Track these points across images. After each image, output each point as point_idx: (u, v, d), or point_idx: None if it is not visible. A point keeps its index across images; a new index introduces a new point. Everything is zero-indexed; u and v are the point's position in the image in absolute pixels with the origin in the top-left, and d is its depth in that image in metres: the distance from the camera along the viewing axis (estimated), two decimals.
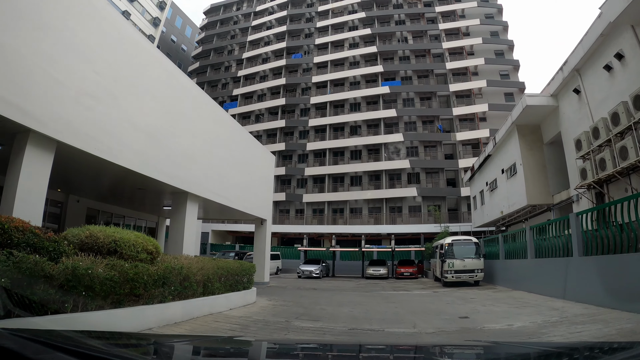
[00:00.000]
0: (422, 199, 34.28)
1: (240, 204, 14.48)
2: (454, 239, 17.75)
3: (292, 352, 2.16)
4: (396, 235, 32.41)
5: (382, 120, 37.96)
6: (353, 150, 38.40)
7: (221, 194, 12.90)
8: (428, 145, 37.01)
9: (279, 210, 38.26)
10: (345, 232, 34.40)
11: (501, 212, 22.11)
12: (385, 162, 35.84)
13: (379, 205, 35.31)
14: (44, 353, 1.09)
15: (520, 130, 19.10)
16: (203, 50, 52.86)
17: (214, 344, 2.30)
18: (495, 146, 22.69)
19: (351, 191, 36.25)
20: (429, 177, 35.73)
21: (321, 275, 23.80)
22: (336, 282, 20.18)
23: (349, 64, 43.39)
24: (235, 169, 14.42)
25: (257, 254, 17.01)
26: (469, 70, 39.95)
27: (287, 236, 37.13)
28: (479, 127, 36.62)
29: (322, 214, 36.41)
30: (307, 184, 38.24)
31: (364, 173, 36.77)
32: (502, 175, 21.95)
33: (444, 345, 3.45)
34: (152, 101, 9.36)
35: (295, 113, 42.81)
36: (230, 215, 17.48)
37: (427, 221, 33.38)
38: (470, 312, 8.60)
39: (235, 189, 14.19)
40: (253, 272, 10.30)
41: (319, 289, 15.76)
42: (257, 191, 16.40)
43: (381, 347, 2.50)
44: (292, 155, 40.55)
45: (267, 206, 17.50)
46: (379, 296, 12.83)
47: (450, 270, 16.75)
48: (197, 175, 11.45)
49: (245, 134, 16.39)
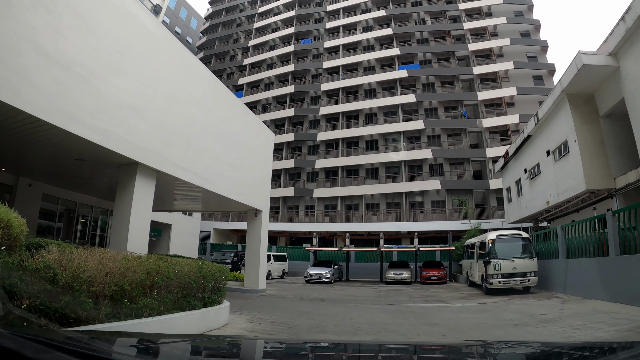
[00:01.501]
0: (446, 193, 30.53)
1: (225, 188, 11.18)
2: (498, 234, 14.15)
3: (293, 352, 2.18)
4: (417, 233, 28.73)
5: (400, 107, 34.35)
6: (368, 140, 34.86)
7: (195, 171, 9.62)
8: (451, 133, 33.25)
9: (287, 206, 34.99)
10: (360, 231, 30.88)
11: (546, 202, 18.43)
12: (405, 152, 32.17)
13: (398, 201, 31.68)
14: (44, 353, 1.08)
15: (572, 100, 15.51)
16: (207, 40, 50.17)
17: (214, 344, 2.29)
18: (537, 124, 19.07)
19: (367, 185, 32.71)
20: (453, 169, 31.95)
21: (332, 280, 20.38)
22: (350, 289, 16.75)
23: (363, 48, 39.92)
24: (219, 142, 11.14)
25: (250, 254, 13.74)
26: (494, 52, 36.14)
27: (296, 235, 33.80)
28: (507, 113, 32.71)
29: (335, 211, 32.94)
30: (318, 177, 34.83)
31: (380, 165, 33.17)
32: (547, 159, 18.30)
33: (444, 345, 3.37)
34: (68, 16, 6.10)
35: (304, 101, 39.50)
36: (214, 204, 14.13)
37: (452, 217, 29.64)
38: None
39: (218, 167, 10.93)
40: (223, 279, 6.92)
41: (328, 299, 12.30)
42: (251, 174, 13.09)
43: (381, 347, 2.51)
44: (301, 146, 37.23)
45: (264, 194, 14.16)
46: (410, 312, 9.33)
47: (496, 274, 13.18)
48: (154, 139, 8.22)
49: (235, 100, 13.09)
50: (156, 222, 25.82)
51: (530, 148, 20.49)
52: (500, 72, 34.71)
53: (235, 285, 13.91)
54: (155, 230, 27.08)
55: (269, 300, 11.29)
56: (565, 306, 9.91)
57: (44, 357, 1.06)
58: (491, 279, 13.15)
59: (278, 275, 23.74)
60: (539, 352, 1.86)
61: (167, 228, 27.47)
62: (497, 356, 2.04)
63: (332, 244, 31.09)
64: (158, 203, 12.68)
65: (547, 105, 17.76)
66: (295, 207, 34.87)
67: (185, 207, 17.18)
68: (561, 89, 15.67)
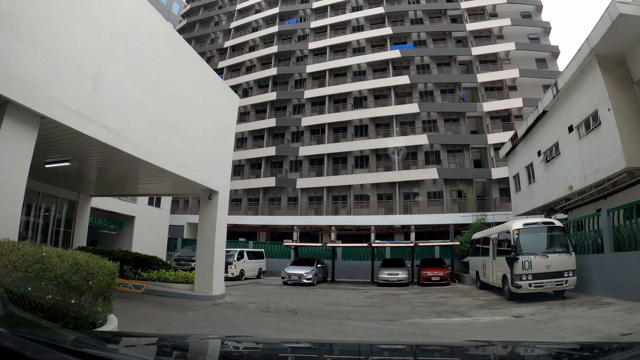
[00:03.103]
0: (443, 183, 27.49)
1: (158, 155, 7.87)
2: (526, 223, 11.05)
3: (293, 351, 2.19)
4: (414, 227, 25.58)
5: (392, 89, 31.20)
6: (357, 126, 31.63)
7: (104, 123, 6.35)
8: (449, 118, 30.23)
9: (268, 198, 31.60)
10: (348, 225, 27.65)
11: (569, 187, 15.56)
12: (398, 137, 29.04)
13: (391, 192, 28.53)
14: (44, 353, 1.08)
15: (602, 62, 12.85)
16: (188, 23, 46.55)
17: (215, 343, 2.26)
18: (555, 96, 16.21)
19: (356, 174, 29.46)
20: (451, 156, 28.95)
21: (315, 281, 17.10)
22: (335, 294, 13.46)
23: (352, 29, 36.68)
24: (153, 92, 8.00)
25: (202, 249, 10.45)
26: (493, 32, 33.30)
27: (277, 230, 30.45)
28: (509, 97, 29.84)
29: (320, 203, 29.64)
30: (302, 166, 31.47)
31: (371, 152, 29.96)
32: (568, 136, 15.44)
33: (444, 345, 3.32)
34: None
35: (288, 85, 36.12)
36: (150, 180, 10.62)
37: (451, 210, 26.64)
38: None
39: (148, 126, 7.72)
40: (104, 283, 3.55)
41: (303, 311, 8.94)
42: (203, 143, 9.86)
43: (381, 347, 2.51)
44: (284, 133, 33.85)
45: (222, 171, 10.87)
46: (423, 337, 6.03)
47: (526, 275, 10.07)
48: (35, 68, 5.00)
49: (184, 45, 9.75)
50: (116, 213, 22.32)
51: (546, 126, 17.60)
52: (500, 54, 31.91)
53: (184, 289, 10.57)
54: (115, 223, 23.54)
55: (216, 315, 7.96)
56: (637, 317, 6.93)
57: (44, 357, 1.05)
58: (519, 280, 10.03)
59: (253, 275, 20.42)
60: (539, 352, 1.85)
61: (129, 221, 23.91)
62: (497, 356, 2.01)
63: (318, 240, 27.81)
64: (64, 179, 9.24)
65: (569, 71, 14.92)
66: (277, 199, 31.50)
67: (113, 190, 13.73)
68: (589, 48, 12.89)
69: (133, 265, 12.69)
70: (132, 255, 13.25)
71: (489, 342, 2.74)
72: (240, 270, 18.74)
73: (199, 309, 8.69)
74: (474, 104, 29.61)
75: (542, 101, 17.58)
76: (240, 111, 37.11)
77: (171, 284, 11.07)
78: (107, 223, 23.05)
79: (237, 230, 31.58)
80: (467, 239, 19.70)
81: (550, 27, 33.30)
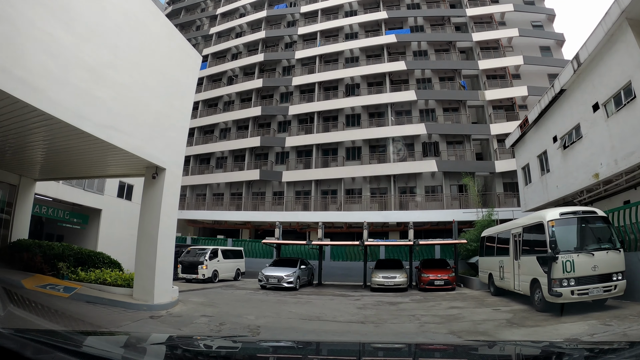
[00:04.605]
0: (443, 176, 25.19)
1: (67, 107, 5.37)
2: (563, 213, 8.68)
3: (293, 351, 2.19)
4: (412, 224, 23.28)
5: (387, 76, 28.84)
6: (349, 115, 29.20)
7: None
8: (448, 107, 27.95)
9: (252, 193, 29.03)
10: (339, 222, 25.20)
11: (594, 175, 13.45)
12: (393, 127, 26.69)
13: (385, 185, 26.15)
14: (44, 353, 1.08)
15: (636, 26, 10.90)
16: (173, 10, 43.87)
17: (215, 343, 2.32)
18: (576, 71, 14.09)
19: (347, 166, 27.00)
20: (450, 148, 26.65)
21: (297, 285, 14.59)
22: (320, 302, 10.94)
23: (344, 13, 34.32)
24: (62, 19, 5.39)
25: (144, 243, 7.92)
26: (494, 18, 31.19)
27: (261, 227, 27.86)
28: (512, 85, 27.70)
29: (308, 197, 27.13)
30: (289, 158, 28.94)
31: (364, 142, 27.52)
32: (593, 116, 13.37)
33: (444, 345, 3.26)
34: None
35: (276, 72, 33.64)
36: (62, 148, 7.92)
37: (451, 206, 24.34)
38: None
39: (52, 65, 5.19)
40: None
41: (267, 331, 6.43)
42: (145, 102, 7.42)
43: (382, 347, 2.49)
44: (270, 122, 31.29)
45: (171, 141, 8.30)
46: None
47: (567, 279, 7.70)
48: None
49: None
50: (80, 205, 19.66)
51: (564, 107, 15.47)
52: (503, 41, 29.79)
53: (122, 295, 8.09)
54: (79, 216, 20.79)
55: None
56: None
57: (44, 357, 1.05)
58: (559, 286, 7.65)
59: (230, 276, 17.91)
60: (539, 352, 1.81)
61: (95, 214, 21.15)
62: (498, 356, 1.99)
63: (305, 238, 25.31)
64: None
65: (594, 40, 12.85)
66: (261, 193, 28.93)
67: (58, 172, 11.14)
68: (619, 10, 10.89)
69: (73, 262, 10.36)
70: (74, 251, 11.05)
71: (490, 342, 2.89)
72: (212, 271, 16.21)
73: (124, 324, 6.22)
74: (475, 92, 27.44)
75: (560, 78, 15.38)
76: (224, 100, 34.59)
77: (108, 288, 8.61)
78: (70, 216, 20.34)
79: (219, 227, 29.00)
80: (473, 236, 17.41)
81: (554, 14, 31.49)
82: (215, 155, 31.94)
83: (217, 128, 33.19)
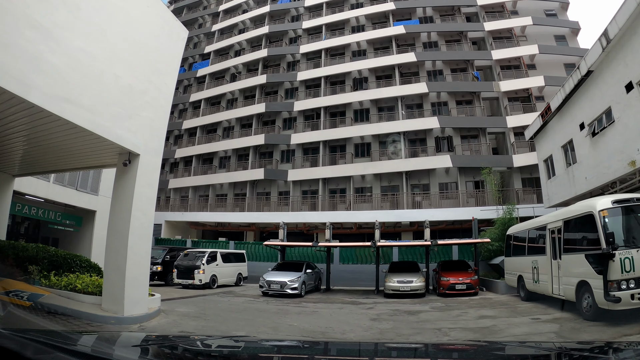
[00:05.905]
0: (458, 172, 23.69)
1: (17, 78, 4.07)
2: (616, 200, 7.27)
3: (293, 351, 2.16)
4: (422, 224, 21.84)
5: (396, 68, 27.46)
6: (357, 110, 27.86)
7: None
8: (461, 99, 26.47)
9: (257, 193, 27.78)
10: (348, 222, 23.83)
11: (630, 163, 11.97)
12: (404, 121, 25.28)
13: (397, 183, 24.72)
14: (44, 353, 1.06)
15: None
16: (175, 9, 42.83)
17: (214, 343, 2.26)
18: (606, 48, 12.67)
19: (356, 164, 25.65)
20: (465, 142, 25.17)
21: (302, 291, 13.24)
22: (327, 310, 9.58)
23: (350, 6, 33.05)
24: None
25: (112, 241, 6.76)
26: (506, 7, 29.69)
27: (266, 229, 26.62)
28: (527, 76, 26.15)
29: (315, 197, 25.80)
30: (295, 156, 27.66)
31: (373, 138, 26.13)
32: (625, 97, 12.03)
33: (444, 344, 3.25)
34: None
35: (280, 67, 32.45)
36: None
37: (467, 203, 22.84)
38: None
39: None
40: None
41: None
42: (117, 76, 6.21)
43: (382, 347, 2.45)
44: (274, 119, 30.08)
45: (147, 123, 7.01)
46: None
47: (628, 280, 6.33)
48: None
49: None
50: (73, 206, 18.58)
51: (592, 90, 14.01)
52: (516, 30, 28.30)
53: (90, 305, 6.84)
54: (72, 218, 19.65)
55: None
56: None
57: (44, 357, 1.04)
58: (617, 289, 6.21)
59: (230, 281, 16.67)
60: (539, 352, 1.82)
61: (89, 216, 20.02)
62: (497, 356, 1.98)
63: (313, 239, 23.95)
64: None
65: (626, 11, 11.42)
66: (266, 193, 27.67)
67: (37, 166, 9.96)
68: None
69: (47, 266, 9.15)
70: (49, 253, 9.82)
71: (489, 342, 2.82)
72: (210, 276, 14.95)
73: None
74: (489, 83, 25.93)
75: (586, 59, 13.92)
76: (227, 98, 33.48)
77: (78, 295, 7.38)
78: (62, 218, 19.25)
79: (222, 229, 27.84)
80: (495, 235, 15.93)
81: (568, 1, 29.90)
82: (218, 155, 30.80)
83: (220, 127, 32.08)
